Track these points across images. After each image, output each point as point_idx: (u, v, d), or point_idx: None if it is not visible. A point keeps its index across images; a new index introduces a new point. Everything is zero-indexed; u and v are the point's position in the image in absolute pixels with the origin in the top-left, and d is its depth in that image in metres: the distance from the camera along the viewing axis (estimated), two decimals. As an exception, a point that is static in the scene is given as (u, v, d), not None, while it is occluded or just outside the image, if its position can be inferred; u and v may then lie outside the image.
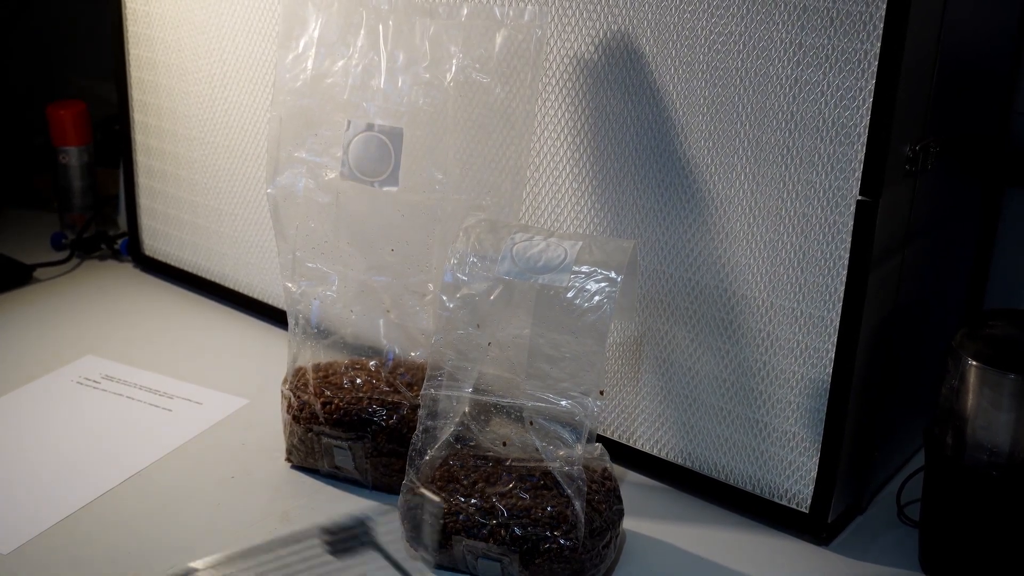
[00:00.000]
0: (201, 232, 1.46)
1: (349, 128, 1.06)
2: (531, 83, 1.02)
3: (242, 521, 1.03)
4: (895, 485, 1.09)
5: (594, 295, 0.91)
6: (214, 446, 1.15)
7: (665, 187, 1.03)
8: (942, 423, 0.96)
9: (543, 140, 1.09)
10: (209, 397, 1.24)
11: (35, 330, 1.37)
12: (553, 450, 0.94)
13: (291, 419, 1.09)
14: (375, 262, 1.08)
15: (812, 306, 0.97)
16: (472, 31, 1.02)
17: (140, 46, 1.45)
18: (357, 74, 1.05)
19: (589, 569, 0.93)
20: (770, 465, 1.03)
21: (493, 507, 0.93)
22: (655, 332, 1.07)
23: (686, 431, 1.08)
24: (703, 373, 1.05)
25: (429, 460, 0.97)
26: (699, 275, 1.03)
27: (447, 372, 0.96)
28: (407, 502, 0.96)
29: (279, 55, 1.07)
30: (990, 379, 0.91)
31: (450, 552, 0.95)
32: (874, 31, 0.88)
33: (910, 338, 1.06)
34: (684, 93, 1.00)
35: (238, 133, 1.37)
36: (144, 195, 1.52)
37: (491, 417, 1.00)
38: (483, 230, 0.97)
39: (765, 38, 0.94)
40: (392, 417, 1.05)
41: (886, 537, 1.04)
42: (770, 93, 0.95)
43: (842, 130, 0.92)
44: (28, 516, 1.03)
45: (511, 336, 0.95)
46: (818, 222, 0.95)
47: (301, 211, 1.08)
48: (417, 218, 1.06)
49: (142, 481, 1.09)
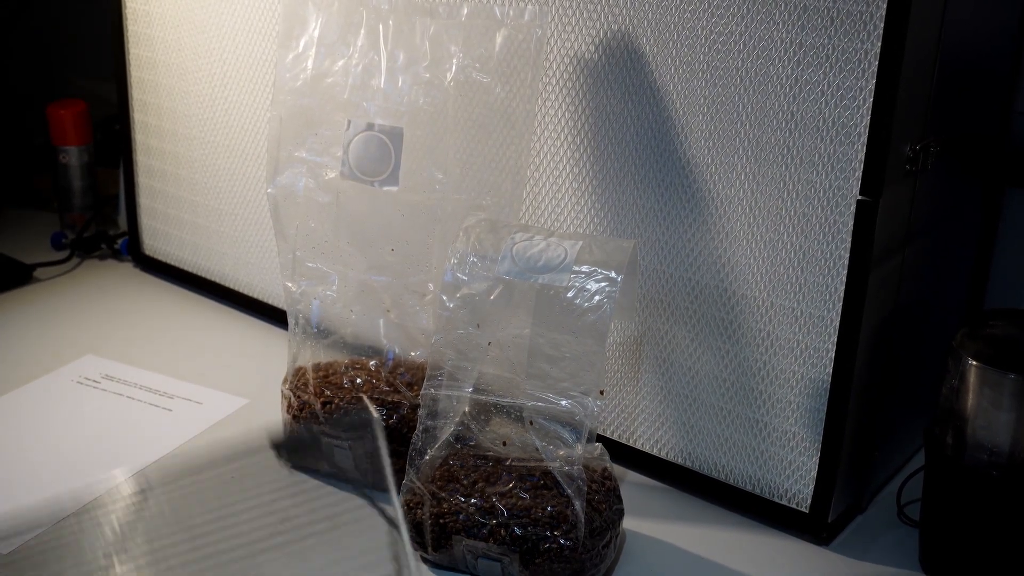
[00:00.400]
0: (201, 232, 1.46)
1: (349, 128, 1.06)
2: (531, 83, 1.02)
3: (242, 521, 1.03)
4: (895, 485, 1.09)
5: (594, 295, 0.91)
6: (214, 446, 1.15)
7: (665, 187, 1.03)
8: (942, 423, 0.96)
9: (543, 140, 1.09)
10: (209, 397, 1.24)
11: (35, 330, 1.37)
12: (553, 450, 0.93)
13: (291, 419, 1.09)
14: (375, 262, 1.08)
15: (812, 306, 0.97)
16: (472, 31, 1.02)
17: (140, 45, 1.45)
18: (357, 74, 1.05)
19: (589, 569, 0.93)
20: (770, 465, 1.03)
21: (493, 507, 0.93)
22: (655, 332, 1.07)
23: (686, 431, 1.07)
24: (703, 373, 1.05)
25: (429, 460, 0.97)
26: (699, 275, 1.03)
27: (447, 372, 0.96)
28: (407, 502, 0.96)
29: (279, 54, 1.07)
30: (990, 379, 0.91)
31: (450, 552, 0.95)
32: (874, 31, 0.88)
33: (910, 338, 1.06)
34: (684, 93, 1.00)
35: (238, 132, 1.37)
36: (144, 195, 1.52)
37: (491, 417, 1.00)
38: (483, 230, 0.97)
39: (765, 38, 0.94)
40: (392, 417, 1.05)
41: (886, 537, 1.04)
42: (770, 93, 0.95)
43: (842, 130, 0.92)
44: (28, 516, 1.02)
45: (511, 336, 0.95)
46: (818, 222, 0.95)
47: (301, 211, 1.08)
48: (417, 218, 1.06)
49: (142, 480, 1.09)
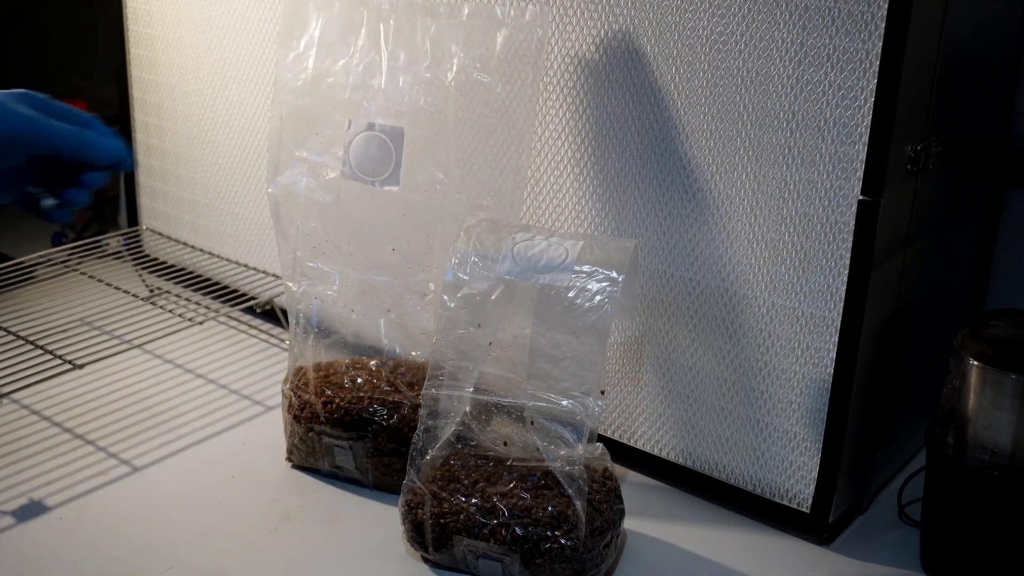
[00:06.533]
0: (202, 231, 1.46)
1: (350, 127, 1.06)
2: (532, 82, 1.02)
3: (243, 521, 1.03)
4: (896, 485, 1.09)
5: (595, 295, 0.91)
6: (214, 446, 1.15)
7: (666, 187, 1.03)
8: (943, 423, 0.96)
9: (544, 139, 1.09)
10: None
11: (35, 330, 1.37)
12: (554, 450, 0.93)
13: (292, 419, 1.09)
14: (376, 261, 1.08)
15: (813, 306, 0.97)
16: (473, 30, 1.02)
17: (141, 45, 1.45)
18: (358, 73, 1.05)
19: (590, 569, 0.93)
20: (771, 465, 1.03)
21: (494, 507, 0.93)
22: (656, 332, 1.07)
23: (687, 431, 1.07)
24: (704, 373, 1.05)
25: (430, 460, 0.97)
26: (700, 275, 1.03)
27: (448, 371, 0.96)
28: (408, 502, 0.96)
29: (280, 54, 1.07)
30: (991, 379, 0.91)
31: (451, 552, 0.95)
32: (876, 31, 0.88)
33: (911, 338, 1.06)
34: (685, 93, 1.00)
35: (239, 132, 1.37)
36: (145, 194, 1.52)
37: (492, 417, 1.00)
38: (484, 229, 0.97)
39: (767, 38, 0.94)
40: (393, 417, 1.05)
41: (887, 537, 1.04)
42: (772, 93, 0.95)
43: (844, 129, 0.92)
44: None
45: (512, 336, 0.95)
46: (819, 222, 0.95)
47: (302, 210, 1.08)
48: (418, 218, 1.06)
49: (143, 480, 1.09)
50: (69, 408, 1.21)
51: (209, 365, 1.31)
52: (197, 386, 1.26)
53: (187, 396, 1.24)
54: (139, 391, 1.25)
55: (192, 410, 1.21)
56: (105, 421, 1.19)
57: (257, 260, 1.41)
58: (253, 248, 1.41)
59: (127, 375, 1.28)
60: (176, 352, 1.34)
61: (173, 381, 1.27)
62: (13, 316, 1.37)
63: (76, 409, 1.21)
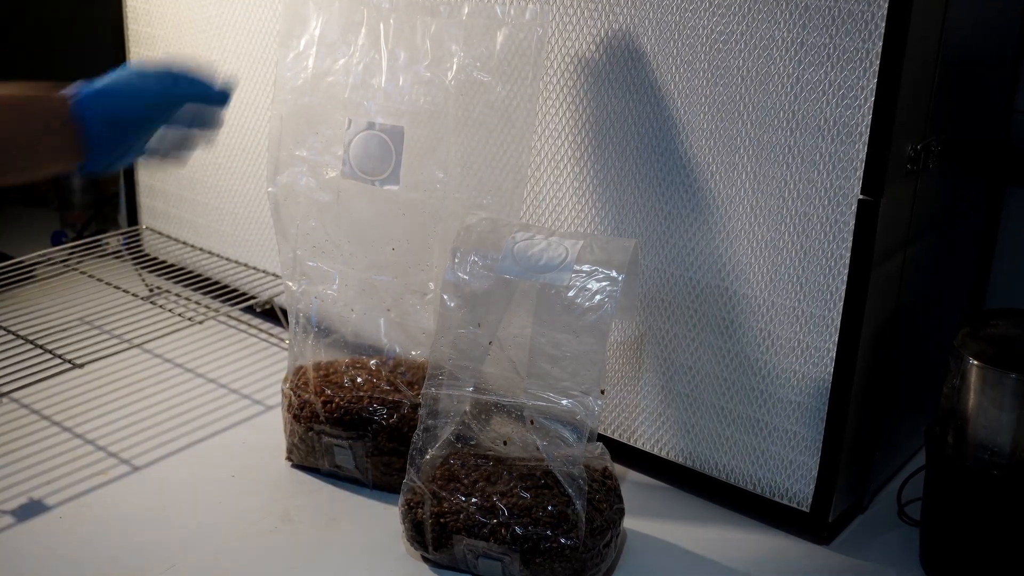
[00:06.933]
0: (201, 231, 1.46)
1: (350, 127, 1.06)
2: (532, 82, 1.02)
3: (243, 520, 1.03)
4: (896, 484, 1.09)
5: (595, 294, 0.91)
6: (214, 445, 1.15)
7: (666, 186, 1.03)
8: (943, 422, 0.96)
9: (544, 139, 1.09)
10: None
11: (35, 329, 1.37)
12: (554, 449, 0.93)
13: (292, 418, 1.09)
14: (376, 261, 1.08)
15: (813, 305, 0.97)
16: (473, 30, 1.02)
17: (141, 45, 1.45)
18: (358, 73, 1.05)
19: (590, 568, 0.93)
20: (771, 464, 1.03)
21: (494, 506, 0.93)
22: (656, 331, 1.07)
23: (687, 430, 1.07)
24: (704, 372, 1.05)
25: (430, 459, 0.97)
26: (700, 274, 1.03)
27: (448, 371, 0.96)
28: (407, 501, 0.96)
29: (280, 53, 1.07)
30: (991, 379, 0.91)
31: (451, 551, 0.95)
32: (876, 30, 0.88)
33: (911, 337, 1.06)
34: (685, 92, 1.00)
35: (239, 131, 1.37)
36: (145, 194, 1.52)
37: (492, 416, 1.00)
38: (484, 229, 0.97)
39: (767, 37, 0.94)
40: (393, 416, 1.05)
41: (887, 536, 1.04)
42: (772, 92, 0.95)
43: (844, 129, 0.92)
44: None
45: (512, 335, 0.95)
46: (819, 221, 0.95)
47: (302, 210, 1.08)
48: (418, 217, 1.06)
49: (143, 479, 1.09)
50: (69, 407, 1.21)
51: (209, 364, 1.31)
52: (197, 385, 1.27)
53: (187, 395, 1.24)
54: (139, 390, 1.25)
55: (192, 409, 1.21)
56: (105, 420, 1.19)
57: (257, 259, 1.41)
58: (253, 247, 1.41)
59: (127, 374, 1.28)
60: (176, 351, 1.34)
61: (173, 380, 1.28)
62: (13, 315, 1.37)
63: (76, 408, 1.21)
